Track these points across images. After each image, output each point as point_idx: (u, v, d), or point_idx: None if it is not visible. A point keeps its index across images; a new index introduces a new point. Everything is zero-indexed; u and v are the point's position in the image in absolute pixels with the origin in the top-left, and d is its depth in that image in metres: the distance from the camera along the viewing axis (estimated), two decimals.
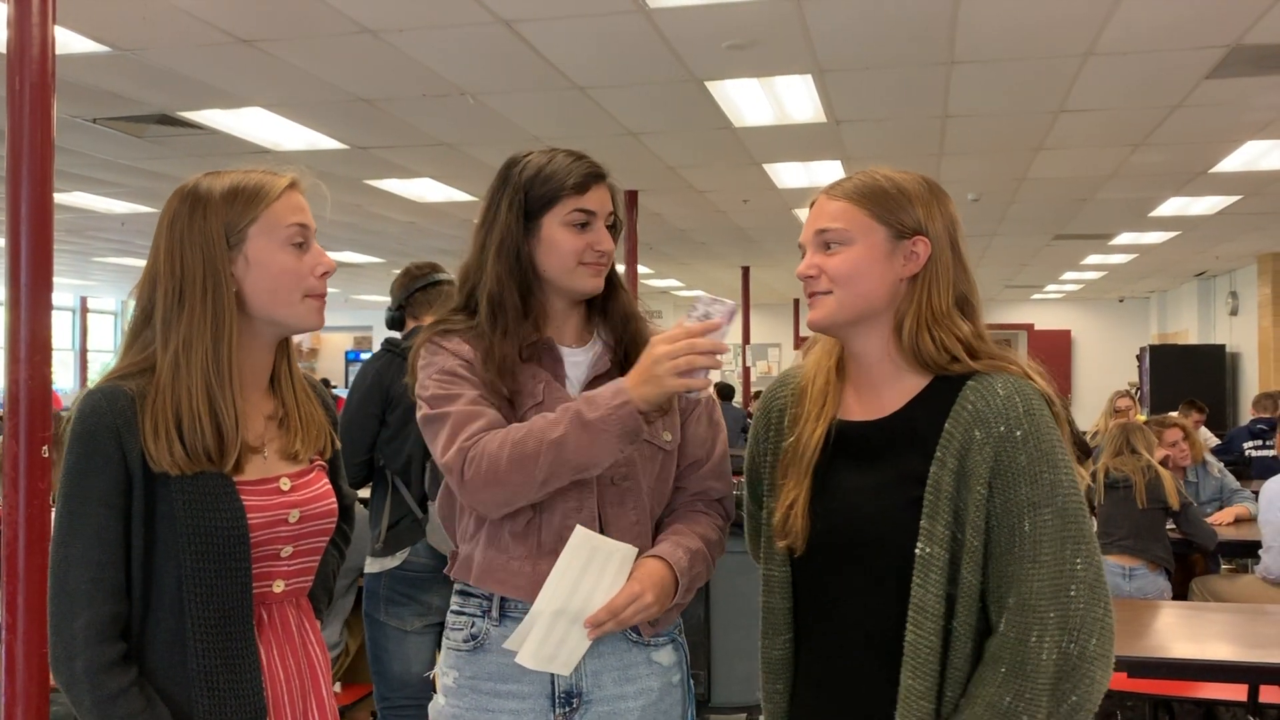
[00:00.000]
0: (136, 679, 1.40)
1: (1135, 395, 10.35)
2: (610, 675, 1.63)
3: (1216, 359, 13.55)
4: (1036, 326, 18.04)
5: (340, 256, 11.63)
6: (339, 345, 19.64)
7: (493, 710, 1.61)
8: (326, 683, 1.62)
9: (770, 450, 1.60)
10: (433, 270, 3.34)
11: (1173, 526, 4.70)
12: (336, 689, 3.23)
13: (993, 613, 1.40)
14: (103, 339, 18.09)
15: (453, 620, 1.68)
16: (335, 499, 1.62)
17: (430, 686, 3.10)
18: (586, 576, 1.53)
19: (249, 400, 1.53)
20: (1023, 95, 5.42)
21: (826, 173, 7.26)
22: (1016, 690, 1.34)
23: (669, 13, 4.17)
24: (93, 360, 17.22)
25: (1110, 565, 4.38)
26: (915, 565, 1.39)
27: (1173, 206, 8.77)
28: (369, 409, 3.12)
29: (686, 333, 1.46)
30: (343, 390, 12.05)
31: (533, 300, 1.67)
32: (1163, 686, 3.45)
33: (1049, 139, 6.38)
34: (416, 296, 3.28)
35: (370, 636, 3.16)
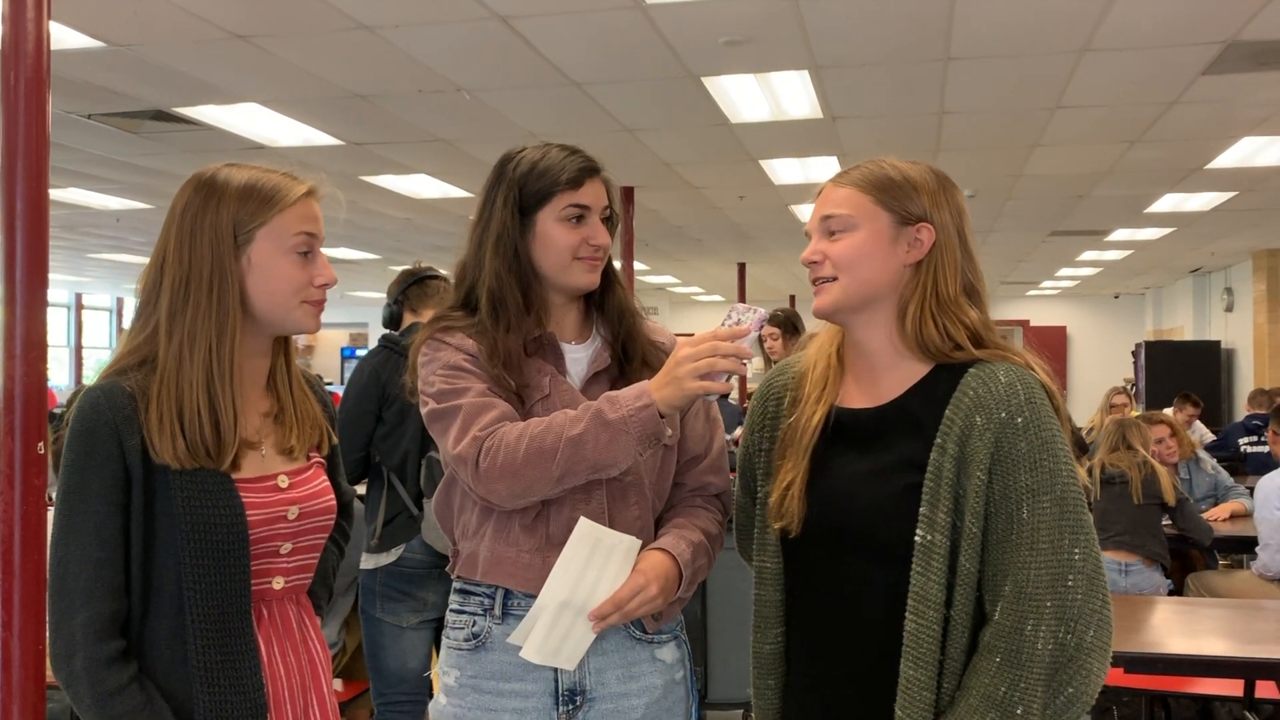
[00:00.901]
0: (136, 675, 1.40)
1: (1131, 391, 10.35)
2: (614, 673, 1.63)
3: (1212, 355, 13.55)
4: (1032, 323, 18.05)
5: (336, 253, 11.61)
6: (334, 342, 19.62)
7: (496, 709, 1.60)
8: (327, 679, 1.62)
9: (768, 434, 1.60)
10: (428, 269, 3.42)
11: (1169, 522, 4.71)
12: (337, 685, 3.23)
13: (988, 601, 1.39)
14: (98, 335, 18.05)
15: (453, 619, 1.66)
16: (334, 496, 1.62)
17: (427, 683, 3.10)
18: (591, 569, 1.52)
19: (247, 397, 1.53)
20: (1019, 91, 5.42)
21: (823, 169, 7.26)
22: (1011, 680, 1.33)
23: (665, 9, 4.17)
24: (87, 356, 17.20)
25: (1106, 561, 4.37)
26: (915, 552, 1.38)
27: (1168, 203, 8.77)
28: (365, 405, 3.13)
29: (711, 336, 1.46)
30: (337, 387, 12.04)
31: (533, 295, 1.67)
32: (1159, 682, 3.46)
33: (1045, 135, 6.38)
34: (412, 290, 3.34)
35: (366, 633, 3.16)
